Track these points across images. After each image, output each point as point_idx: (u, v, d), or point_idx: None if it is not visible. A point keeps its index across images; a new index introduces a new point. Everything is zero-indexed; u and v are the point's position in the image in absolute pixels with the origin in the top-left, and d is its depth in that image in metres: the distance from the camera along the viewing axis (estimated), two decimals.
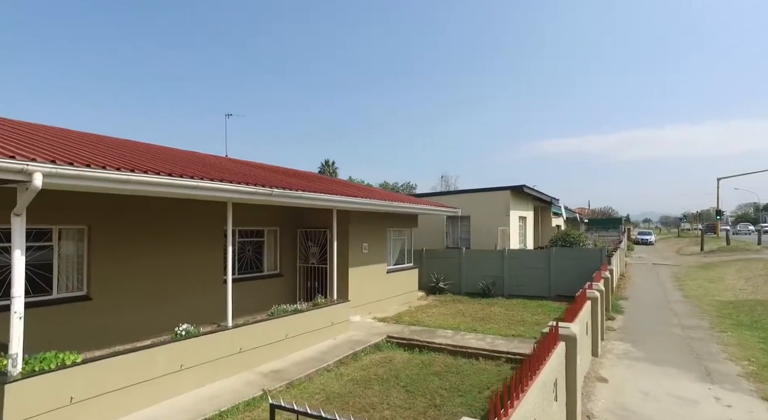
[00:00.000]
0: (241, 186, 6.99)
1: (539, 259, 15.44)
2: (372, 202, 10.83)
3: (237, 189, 6.91)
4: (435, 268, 16.77)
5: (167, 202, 9.01)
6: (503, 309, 13.35)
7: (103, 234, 8.23)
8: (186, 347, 6.66)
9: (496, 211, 18.31)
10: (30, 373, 4.98)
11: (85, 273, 8.12)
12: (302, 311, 9.01)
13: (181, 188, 6.17)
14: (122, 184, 5.45)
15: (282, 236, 12.38)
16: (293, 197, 8.10)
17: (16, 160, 4.47)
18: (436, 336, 9.97)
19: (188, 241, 9.65)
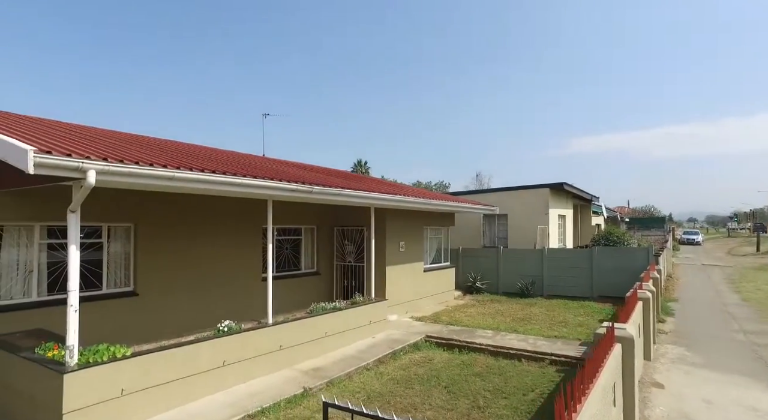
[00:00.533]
0: (282, 183, 7.00)
1: (581, 258, 14.92)
2: (410, 199, 10.71)
3: (278, 186, 6.94)
4: (472, 267, 16.48)
5: (209, 201, 9.17)
6: (544, 309, 12.96)
7: (148, 232, 8.45)
8: (228, 343, 6.73)
9: (535, 209, 17.83)
10: (85, 364, 5.13)
11: (131, 269, 8.36)
12: (341, 309, 8.99)
13: (224, 185, 6.23)
14: (168, 181, 5.54)
15: (319, 234, 12.43)
16: (332, 195, 8.08)
17: (72, 157, 4.59)
18: (475, 336, 9.76)
19: (228, 240, 9.80)
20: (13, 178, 6.13)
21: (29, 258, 7.05)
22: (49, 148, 4.56)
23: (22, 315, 6.77)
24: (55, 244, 7.38)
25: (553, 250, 16.08)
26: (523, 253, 15.97)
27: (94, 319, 7.51)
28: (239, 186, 6.40)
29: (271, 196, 7.54)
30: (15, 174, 6.04)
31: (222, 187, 6.23)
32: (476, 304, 14.03)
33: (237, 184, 6.33)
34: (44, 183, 5.40)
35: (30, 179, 5.64)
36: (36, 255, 7.12)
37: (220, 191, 6.64)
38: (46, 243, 7.27)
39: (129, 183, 5.36)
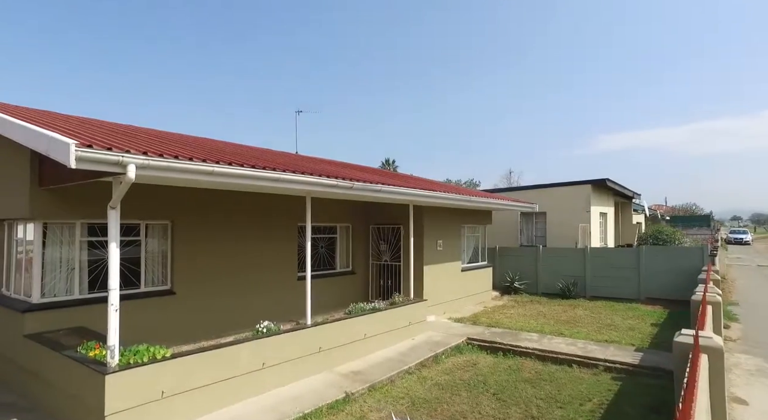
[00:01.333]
0: (323, 179, 6.73)
1: (627, 258, 14.15)
2: (450, 196, 10.31)
3: (318, 181, 6.67)
4: (509, 266, 15.92)
5: (244, 199, 9.02)
6: (588, 312, 12.32)
7: (184, 229, 8.35)
8: (267, 345, 6.51)
9: (576, 207, 17.07)
10: (126, 365, 4.97)
11: (168, 268, 8.27)
12: (380, 310, 8.68)
13: (262, 180, 6.00)
14: (206, 176, 5.34)
15: (354, 233, 12.16)
16: (373, 191, 7.77)
17: (113, 151, 4.42)
18: (520, 339, 9.28)
19: (263, 238, 9.64)
20: (55, 174, 6.08)
21: (71, 256, 7.01)
22: (90, 142, 4.40)
23: (64, 313, 6.74)
24: (95, 241, 7.33)
25: (596, 249, 15.35)
26: (564, 253, 15.30)
27: (132, 318, 7.42)
28: (278, 181, 6.16)
29: (309, 192, 7.29)
30: (56, 170, 5.99)
31: (260, 183, 6.00)
32: (516, 305, 13.49)
33: (275, 179, 6.09)
34: (84, 179, 5.29)
35: (71, 175, 5.55)
36: (77, 252, 7.08)
37: (259, 187, 6.43)
38: (86, 241, 7.23)
39: (168, 178, 5.18)
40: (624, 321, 11.03)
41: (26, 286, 6.78)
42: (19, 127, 5.14)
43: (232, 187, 6.66)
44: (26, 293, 6.74)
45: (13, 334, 6.50)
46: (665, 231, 15.71)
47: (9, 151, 6.93)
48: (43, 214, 6.56)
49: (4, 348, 6.78)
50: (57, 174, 6.03)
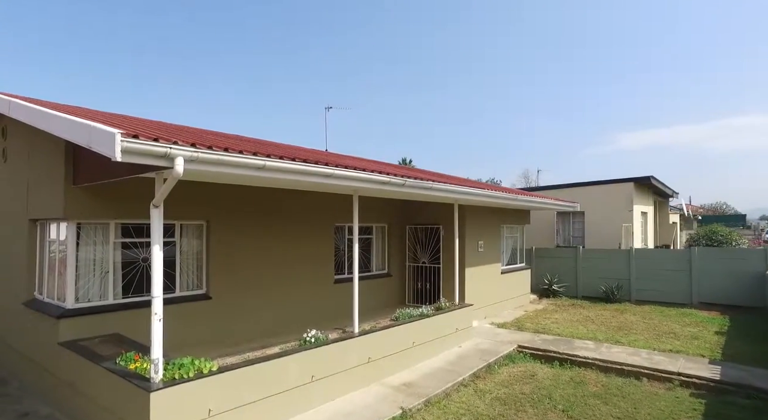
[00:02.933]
0: (374, 175, 6.19)
1: (677, 260, 13.32)
2: (498, 195, 9.68)
3: (370, 178, 6.13)
4: (546, 268, 15.21)
5: (280, 198, 8.56)
6: (639, 317, 11.57)
7: (219, 231, 7.89)
8: (316, 356, 5.99)
9: (616, 206, 16.25)
10: (171, 381, 4.50)
11: (204, 271, 7.82)
12: (428, 316, 8.11)
13: (315, 176, 5.47)
14: (256, 171, 4.83)
15: (390, 233, 11.61)
16: (423, 188, 7.20)
17: (160, 143, 3.94)
18: (575, 347, 8.62)
19: (299, 239, 9.14)
20: (91, 171, 5.64)
21: (105, 258, 6.59)
22: (135, 133, 3.92)
23: (99, 319, 6.32)
24: (129, 242, 6.90)
25: (642, 250, 14.54)
26: (607, 254, 14.51)
27: (166, 325, 6.98)
28: (330, 177, 5.63)
29: (357, 189, 6.77)
30: (93, 167, 5.55)
31: (311, 179, 5.47)
32: (558, 309, 12.80)
33: (327, 175, 5.56)
34: (124, 175, 4.84)
35: (110, 171, 5.10)
36: (111, 254, 6.65)
37: (308, 183, 5.92)
38: (120, 242, 6.80)
39: (215, 173, 4.69)
40: (683, 328, 10.27)
41: (60, 290, 6.38)
42: (59, 119, 4.70)
43: (279, 184, 6.16)
44: (60, 298, 6.34)
45: (48, 341, 6.09)
46: (720, 231, 14.77)
47: (43, 149, 6.54)
48: (78, 214, 6.15)
49: (38, 356, 6.39)
50: (94, 171, 5.60)
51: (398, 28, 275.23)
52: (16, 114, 5.90)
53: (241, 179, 5.40)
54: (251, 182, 5.97)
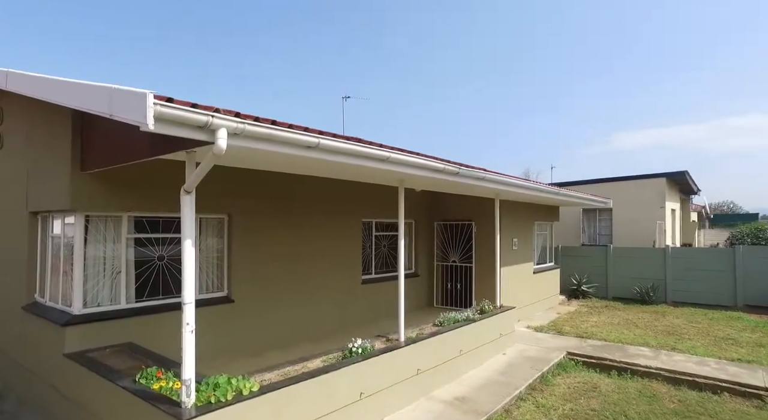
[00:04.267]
0: (430, 161, 5.38)
1: (719, 259, 12.54)
2: (546, 189, 8.88)
3: (426, 164, 5.31)
4: (573, 268, 14.42)
5: (306, 189, 7.76)
6: (684, 321, 10.79)
7: (242, 226, 7.06)
8: (364, 370, 5.17)
9: (647, 203, 15.49)
10: (206, 405, 3.68)
11: (225, 271, 6.99)
12: (474, 321, 7.30)
13: (368, 160, 4.66)
14: (307, 151, 4.02)
15: (417, 230, 10.80)
16: (476, 178, 6.40)
17: (199, 109, 3.11)
18: (631, 355, 7.84)
19: (327, 236, 8.32)
20: (103, 153, 4.81)
21: (117, 255, 5.75)
22: (167, 97, 3.09)
23: (110, 326, 5.48)
24: (143, 238, 6.06)
25: (679, 249, 13.79)
26: (640, 253, 13.74)
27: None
28: (385, 162, 4.83)
29: (404, 179, 5.97)
30: (110, 146, 4.72)
31: (364, 163, 4.65)
32: (592, 312, 12.02)
33: (383, 159, 4.76)
34: (148, 156, 4.02)
35: (129, 151, 4.26)
36: (124, 252, 5.81)
37: (358, 168, 5.10)
38: (134, 238, 5.96)
39: (261, 152, 3.87)
40: (740, 334, 9.49)
41: (65, 293, 5.54)
42: (69, 85, 3.85)
43: (322, 170, 5.37)
44: (65, 301, 5.51)
45: (52, 352, 5.26)
46: (766, 228, 14.04)
47: (45, 130, 5.71)
48: (86, 205, 5.31)
49: (40, 368, 5.56)
50: (106, 152, 4.77)
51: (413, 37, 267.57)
52: (15, 86, 5.05)
53: (284, 161, 4.60)
54: (292, 167, 5.16)
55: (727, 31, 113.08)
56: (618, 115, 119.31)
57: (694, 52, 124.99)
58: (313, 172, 5.90)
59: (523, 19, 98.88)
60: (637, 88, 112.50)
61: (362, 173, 5.64)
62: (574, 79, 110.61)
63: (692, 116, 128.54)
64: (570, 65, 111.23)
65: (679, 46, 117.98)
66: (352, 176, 6.00)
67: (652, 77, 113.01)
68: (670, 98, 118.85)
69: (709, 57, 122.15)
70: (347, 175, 5.97)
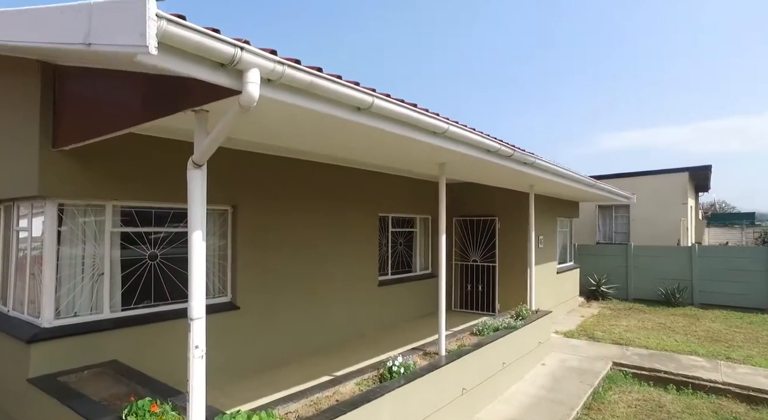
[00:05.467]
0: (487, 139, 4.42)
1: (751, 258, 11.80)
2: (586, 180, 7.95)
3: (481, 142, 4.36)
4: (590, 267, 13.59)
5: (318, 178, 6.80)
6: (722, 325, 10.01)
7: (248, 220, 6.03)
8: (408, 394, 4.20)
9: (667, 199, 14.76)
10: None
11: (228, 272, 5.95)
12: (515, 328, 6.37)
13: (423, 132, 3.70)
14: (354, 114, 3.04)
15: (434, 227, 9.83)
16: (525, 163, 5.46)
17: (222, 38, 2.10)
18: (686, 366, 7.00)
19: (341, 233, 7.33)
20: (89, 118, 3.75)
21: (99, 254, 4.67)
22: (178, 15, 2.06)
23: (89, 341, 4.41)
24: (132, 233, 5.00)
25: (706, 247, 13.07)
26: (663, 251, 12.97)
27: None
28: (440, 136, 3.88)
29: (449, 160, 5.02)
30: (91, 111, 3.67)
31: (415, 135, 3.67)
32: (617, 315, 11.20)
33: (440, 132, 3.79)
34: (144, 119, 2.98)
35: (118, 114, 3.24)
36: (107, 250, 4.74)
37: (405, 141, 4.10)
38: (120, 232, 4.89)
39: (296, 111, 2.87)
40: None
41: (33, 300, 4.46)
42: (27, 14, 2.80)
43: (360, 148, 4.35)
44: (32, 311, 4.43)
45: (12, 376, 4.19)
46: None
47: (6, 94, 4.62)
48: (59, 191, 4.23)
49: (2, 397, 4.46)
50: (84, 121, 3.71)
51: None
52: None
53: (315, 133, 3.59)
54: (322, 143, 4.14)
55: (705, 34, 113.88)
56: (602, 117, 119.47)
57: (667, 57, 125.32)
58: (344, 150, 4.88)
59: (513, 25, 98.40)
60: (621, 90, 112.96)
61: (403, 152, 4.65)
62: (562, 82, 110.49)
63: (674, 118, 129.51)
64: (556, 68, 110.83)
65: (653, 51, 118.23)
66: (387, 157, 5.00)
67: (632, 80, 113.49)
68: (651, 100, 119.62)
69: (670, 64, 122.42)
70: (380, 156, 4.98)
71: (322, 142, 4.21)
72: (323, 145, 4.40)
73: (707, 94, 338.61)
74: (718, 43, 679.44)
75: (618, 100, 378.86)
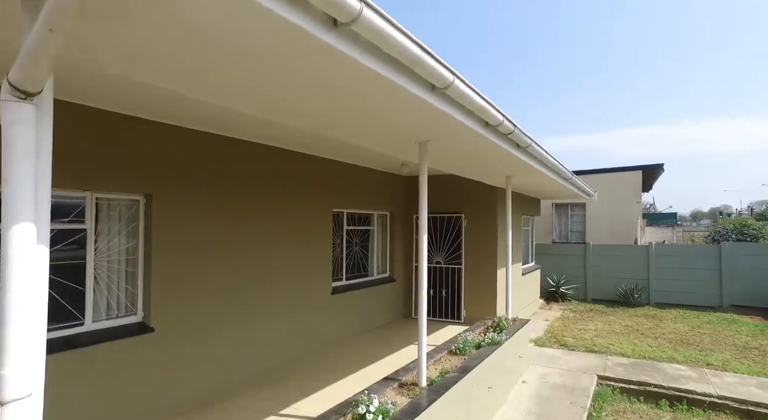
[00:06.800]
0: (494, 110, 3.36)
1: (704, 257, 11.76)
2: (568, 174, 7.13)
3: (489, 111, 3.28)
4: (550, 267, 13.13)
5: (259, 164, 5.49)
6: (685, 326, 9.72)
7: (167, 213, 4.62)
8: None
9: (623, 197, 14.65)
10: None
11: (140, 282, 4.50)
12: (499, 344, 5.40)
13: (420, 85, 2.56)
14: (328, 34, 1.83)
15: (393, 224, 8.76)
16: (520, 146, 4.48)
17: None
18: (672, 377, 6.40)
19: (290, 231, 6.05)
20: None
21: None
22: None
23: None
24: None
25: (662, 246, 12.95)
26: (621, 251, 12.71)
27: (70, 383, 3.68)
28: (438, 93, 2.76)
29: (442, 131, 3.92)
30: None
31: (407, 86, 2.54)
32: (581, 317, 10.69)
33: (444, 85, 2.67)
34: None
35: None
36: None
37: (397, 91, 2.95)
38: None
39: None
40: (756, 341, 8.47)
41: None
42: None
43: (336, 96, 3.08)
44: None
45: None
46: (753, 225, 13.57)
47: None
48: None
49: None
50: None
51: None
52: None
53: (268, 58, 2.31)
54: (284, 77, 2.82)
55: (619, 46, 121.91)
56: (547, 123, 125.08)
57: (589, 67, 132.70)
58: (305, 114, 3.60)
59: None
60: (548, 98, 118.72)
61: (381, 122, 3.47)
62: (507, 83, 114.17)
63: (590, 126, 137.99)
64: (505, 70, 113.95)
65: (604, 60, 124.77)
66: (358, 130, 3.78)
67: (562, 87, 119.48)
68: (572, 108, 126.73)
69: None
70: (352, 129, 3.76)
71: (271, 90, 2.82)
72: (272, 99, 3.05)
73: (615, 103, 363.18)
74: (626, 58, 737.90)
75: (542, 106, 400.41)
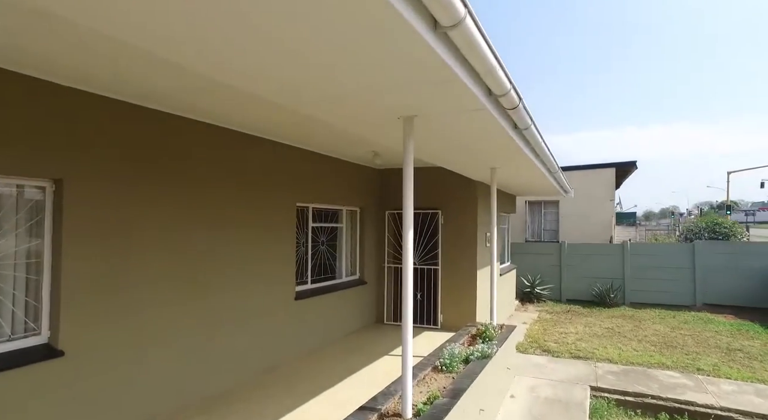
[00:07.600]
0: (501, 72, 2.63)
1: (678, 255, 11.56)
2: (556, 169, 6.54)
3: (496, 72, 2.56)
4: (523, 267, 12.66)
5: (221, 151, 4.60)
6: (665, 327, 9.40)
7: (86, 204, 3.67)
8: None
9: (597, 195, 14.39)
10: None
11: (44, 294, 3.53)
12: (490, 357, 4.71)
13: (419, 17, 1.78)
14: None
15: (364, 223, 7.97)
16: (518, 128, 3.79)
17: None
18: (668, 386, 5.93)
19: (244, 228, 5.16)
20: None
21: None
22: None
23: None
24: None
25: (638, 244, 12.72)
26: (597, 249, 12.39)
27: None
28: (440, 36, 1.99)
29: (434, 101, 3.17)
30: None
31: (401, 18, 1.76)
32: (559, 319, 10.23)
33: (446, 19, 1.91)
34: None
35: None
36: None
37: (387, 35, 2.15)
38: None
39: None
40: (737, 342, 8.20)
41: None
42: None
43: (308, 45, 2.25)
44: None
45: None
46: (724, 223, 13.50)
47: None
48: None
49: None
50: None
51: None
52: None
53: None
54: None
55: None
56: None
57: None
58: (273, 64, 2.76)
59: None
60: None
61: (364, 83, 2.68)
62: None
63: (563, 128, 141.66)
64: None
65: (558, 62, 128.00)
66: (336, 98, 2.98)
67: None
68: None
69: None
70: (329, 97, 2.95)
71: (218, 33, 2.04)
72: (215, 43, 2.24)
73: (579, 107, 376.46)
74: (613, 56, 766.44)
75: None
